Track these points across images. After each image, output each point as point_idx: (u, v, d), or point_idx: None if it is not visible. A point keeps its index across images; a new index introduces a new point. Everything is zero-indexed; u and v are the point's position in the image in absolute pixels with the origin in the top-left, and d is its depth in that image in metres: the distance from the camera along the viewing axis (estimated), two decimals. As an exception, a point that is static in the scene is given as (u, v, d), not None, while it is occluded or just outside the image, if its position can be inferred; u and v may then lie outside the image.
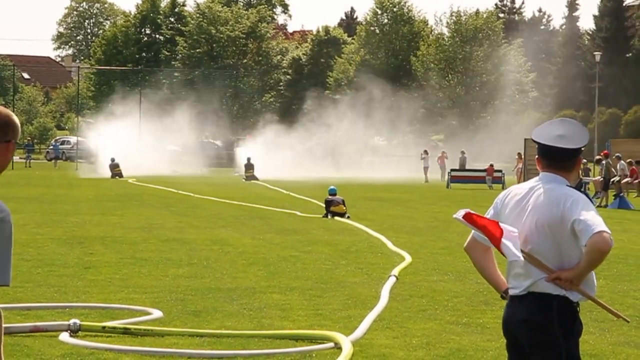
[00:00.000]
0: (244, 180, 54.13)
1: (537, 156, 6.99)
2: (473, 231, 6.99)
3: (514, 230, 6.69)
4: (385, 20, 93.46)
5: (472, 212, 6.83)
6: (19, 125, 5.02)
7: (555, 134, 6.86)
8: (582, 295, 6.84)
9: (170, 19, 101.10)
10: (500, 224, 6.86)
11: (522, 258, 6.68)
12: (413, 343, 12.48)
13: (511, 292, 7.00)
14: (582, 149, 6.87)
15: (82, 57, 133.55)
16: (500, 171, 56.59)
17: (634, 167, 43.08)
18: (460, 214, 6.83)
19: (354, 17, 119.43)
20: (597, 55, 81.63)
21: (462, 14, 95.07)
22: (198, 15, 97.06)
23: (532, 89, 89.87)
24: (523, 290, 6.90)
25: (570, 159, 6.85)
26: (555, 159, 6.81)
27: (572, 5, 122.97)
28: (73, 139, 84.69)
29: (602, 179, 41.48)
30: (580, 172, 41.56)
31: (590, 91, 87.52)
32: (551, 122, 7.20)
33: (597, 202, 39.28)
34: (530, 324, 6.96)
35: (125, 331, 12.14)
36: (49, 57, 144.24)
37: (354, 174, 64.89)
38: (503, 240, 6.70)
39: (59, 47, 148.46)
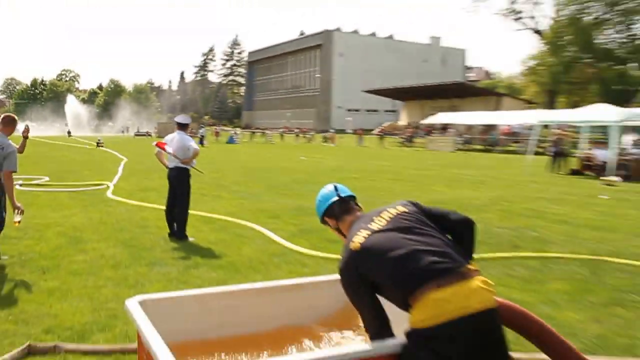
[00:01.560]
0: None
1: (176, 125, 7.75)
2: (157, 148, 7.66)
3: (172, 144, 7.46)
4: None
5: (159, 142, 7.67)
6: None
7: (179, 119, 7.80)
8: (190, 167, 7.59)
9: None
10: (165, 144, 7.55)
11: (172, 153, 7.36)
12: (132, 186, 13.13)
13: (170, 165, 7.58)
14: (189, 124, 7.85)
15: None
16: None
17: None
18: (154, 143, 7.80)
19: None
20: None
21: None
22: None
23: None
24: (173, 165, 7.52)
25: (187, 127, 7.75)
26: (182, 127, 7.65)
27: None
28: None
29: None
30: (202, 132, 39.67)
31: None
32: (180, 115, 8.05)
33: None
34: (177, 175, 7.52)
35: (37, 185, 13.15)
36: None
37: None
38: (166, 148, 7.46)
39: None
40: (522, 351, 3.29)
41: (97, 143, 34.34)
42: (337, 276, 3.17)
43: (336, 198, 2.74)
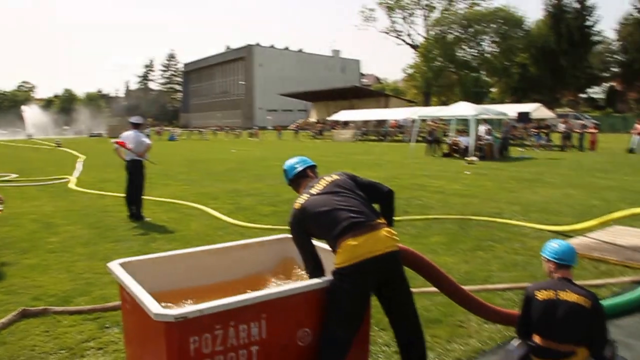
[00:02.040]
0: None
1: (130, 123, 7.46)
2: (116, 145, 7.31)
3: (128, 140, 7.22)
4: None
5: (118, 141, 7.25)
6: None
7: (133, 119, 7.57)
8: (144, 159, 7.43)
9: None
10: (124, 140, 7.23)
11: (129, 148, 7.25)
12: (91, 179, 12.50)
13: (127, 158, 7.31)
14: (142, 123, 7.69)
15: None
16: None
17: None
18: (114, 140, 7.45)
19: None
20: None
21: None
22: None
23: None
24: (130, 158, 7.28)
25: (141, 126, 7.49)
26: (136, 126, 7.39)
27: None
28: None
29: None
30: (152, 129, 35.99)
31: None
32: (134, 116, 7.77)
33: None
34: (133, 166, 7.30)
35: (7, 181, 12.50)
36: None
37: None
38: (126, 144, 7.33)
39: None
40: (415, 287, 3.58)
41: (57, 144, 32.01)
42: (277, 237, 3.32)
43: (287, 182, 2.90)
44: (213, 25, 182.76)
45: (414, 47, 62.17)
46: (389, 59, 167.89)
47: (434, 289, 3.33)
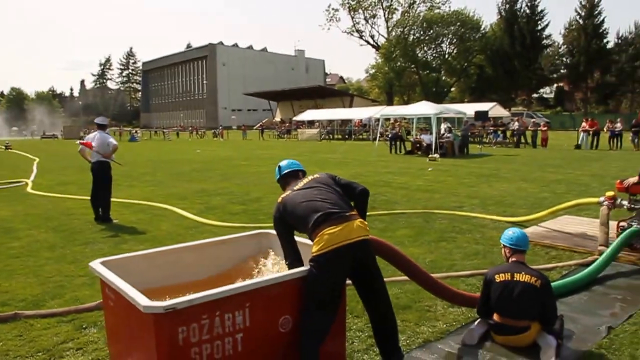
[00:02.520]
0: None
1: (95, 125, 7.32)
2: (81, 145, 7.34)
3: (93, 142, 7.15)
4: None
5: (83, 142, 7.27)
6: None
7: (98, 120, 7.40)
8: (111, 160, 7.29)
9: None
10: (90, 142, 7.16)
11: (94, 149, 7.06)
12: (50, 182, 11.99)
13: (93, 159, 7.20)
14: (107, 124, 7.36)
15: None
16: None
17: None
18: (79, 141, 7.40)
19: None
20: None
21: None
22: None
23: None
24: (96, 159, 7.22)
25: (106, 127, 7.35)
26: (101, 127, 7.37)
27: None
28: None
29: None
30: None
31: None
32: (99, 117, 7.54)
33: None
34: (99, 168, 7.19)
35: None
36: None
37: None
38: (92, 144, 7.09)
39: None
40: (386, 276, 3.77)
41: (6, 146, 30.63)
42: (252, 232, 3.42)
43: (277, 179, 3.04)
44: (173, 22, 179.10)
45: (376, 47, 63.14)
46: (353, 59, 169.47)
47: (403, 277, 3.57)
